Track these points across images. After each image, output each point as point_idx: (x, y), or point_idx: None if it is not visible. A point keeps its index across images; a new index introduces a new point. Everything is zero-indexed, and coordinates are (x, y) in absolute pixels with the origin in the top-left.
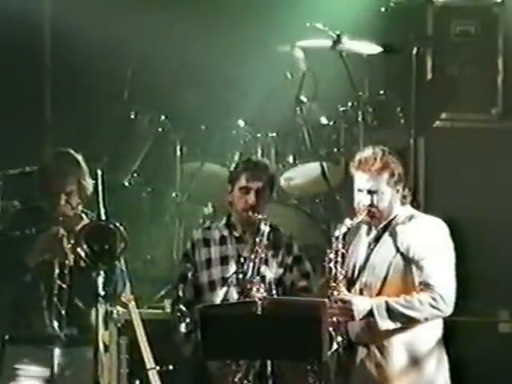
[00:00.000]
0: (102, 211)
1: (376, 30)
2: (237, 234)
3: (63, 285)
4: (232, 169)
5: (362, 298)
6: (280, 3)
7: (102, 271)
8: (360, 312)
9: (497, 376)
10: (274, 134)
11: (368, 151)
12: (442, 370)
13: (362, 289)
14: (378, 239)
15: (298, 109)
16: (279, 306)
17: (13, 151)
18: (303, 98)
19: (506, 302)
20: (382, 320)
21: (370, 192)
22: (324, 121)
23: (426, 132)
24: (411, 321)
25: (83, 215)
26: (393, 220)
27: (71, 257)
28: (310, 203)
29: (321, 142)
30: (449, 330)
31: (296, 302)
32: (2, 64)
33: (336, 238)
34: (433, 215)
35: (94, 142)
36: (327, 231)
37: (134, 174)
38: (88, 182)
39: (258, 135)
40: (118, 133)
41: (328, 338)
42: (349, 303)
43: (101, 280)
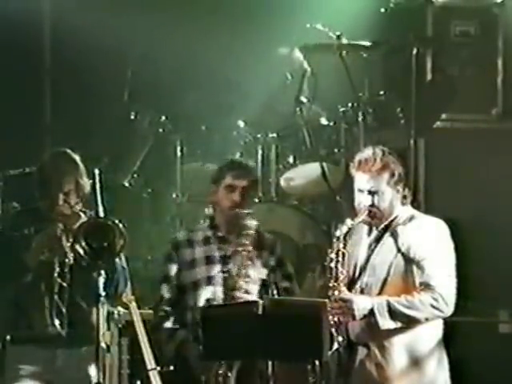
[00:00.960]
0: (101, 209)
1: (376, 30)
2: (221, 234)
3: (64, 284)
4: (216, 169)
5: (363, 297)
6: (280, 4)
7: (103, 270)
8: (361, 311)
9: (497, 376)
10: (274, 135)
11: (368, 152)
12: (442, 370)
13: (362, 289)
14: (378, 240)
15: (298, 109)
16: (280, 306)
17: (13, 152)
18: (303, 99)
19: (506, 302)
20: (383, 319)
21: (371, 192)
22: (324, 121)
23: (426, 132)
24: (412, 321)
25: (81, 214)
26: (393, 220)
27: (71, 255)
28: (310, 204)
29: (321, 143)
30: (449, 330)
31: (297, 302)
32: (1, 64)
33: (337, 237)
34: (433, 215)
35: (94, 142)
36: (327, 231)
37: (135, 175)
38: (86, 181)
39: (258, 136)
40: (118, 133)
41: (328, 337)
42: (349, 302)
43: (102, 279)
